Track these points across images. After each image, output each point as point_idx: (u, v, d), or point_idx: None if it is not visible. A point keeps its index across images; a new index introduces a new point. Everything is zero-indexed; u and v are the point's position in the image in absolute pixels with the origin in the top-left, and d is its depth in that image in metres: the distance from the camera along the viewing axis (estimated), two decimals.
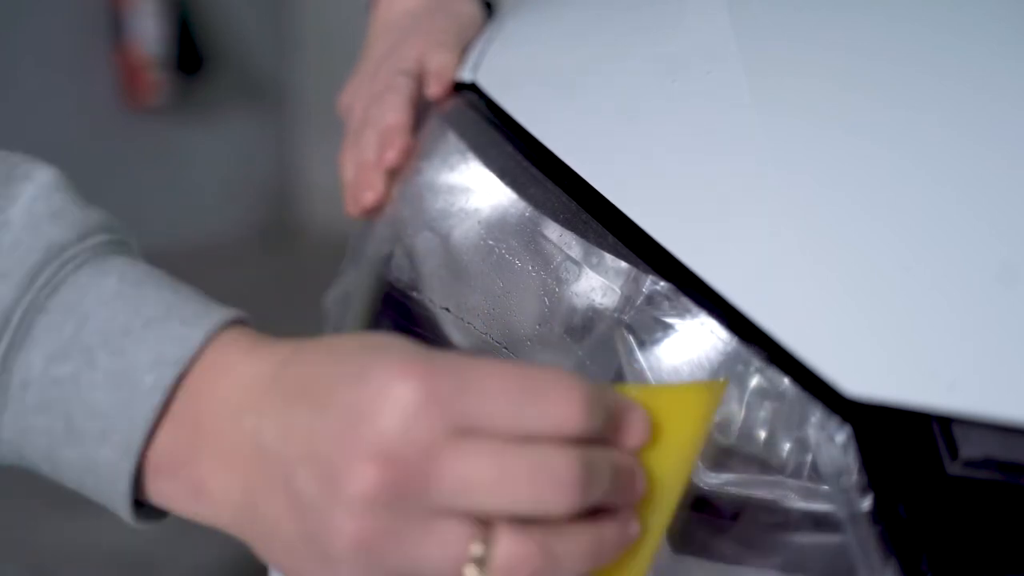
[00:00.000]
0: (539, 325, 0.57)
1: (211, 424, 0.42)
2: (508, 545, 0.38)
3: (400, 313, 0.65)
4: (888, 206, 0.48)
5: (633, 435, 0.42)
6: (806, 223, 0.48)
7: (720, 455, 0.50)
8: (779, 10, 0.61)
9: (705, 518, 0.50)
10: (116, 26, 3.17)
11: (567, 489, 0.38)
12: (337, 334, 0.41)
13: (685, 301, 0.49)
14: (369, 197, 0.67)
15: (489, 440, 0.39)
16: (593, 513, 0.40)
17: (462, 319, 0.61)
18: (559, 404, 0.39)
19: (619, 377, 0.52)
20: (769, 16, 0.61)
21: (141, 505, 0.44)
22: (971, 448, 0.43)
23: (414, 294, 0.63)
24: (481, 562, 0.38)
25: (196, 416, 0.42)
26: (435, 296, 0.62)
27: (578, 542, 0.40)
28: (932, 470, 0.43)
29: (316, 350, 0.42)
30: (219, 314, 0.44)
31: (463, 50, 0.71)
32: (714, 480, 0.50)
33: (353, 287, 0.70)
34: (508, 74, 0.66)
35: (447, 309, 0.61)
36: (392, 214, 0.67)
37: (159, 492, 0.43)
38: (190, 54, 3.29)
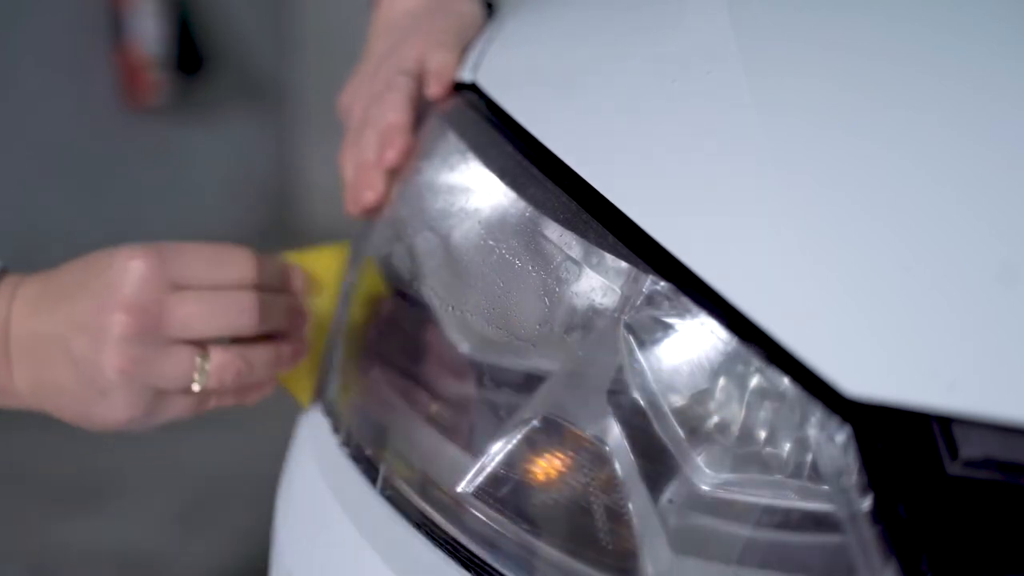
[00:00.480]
0: (539, 325, 0.57)
1: (12, 335, 0.61)
2: (218, 356, 0.61)
3: (399, 313, 0.65)
4: (888, 206, 0.48)
5: (296, 284, 0.68)
6: (806, 223, 0.48)
7: (720, 455, 0.50)
8: (779, 10, 0.61)
9: (705, 518, 0.50)
10: (116, 26, 3.16)
11: (250, 314, 0.62)
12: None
13: (685, 301, 0.49)
14: (369, 197, 0.67)
15: (196, 290, 0.61)
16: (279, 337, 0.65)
17: (462, 318, 0.61)
18: (236, 264, 0.62)
19: (620, 377, 0.52)
20: (769, 16, 0.61)
21: None
22: (971, 448, 0.43)
23: (414, 294, 0.63)
24: (202, 371, 0.61)
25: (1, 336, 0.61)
26: (435, 296, 0.62)
27: (265, 353, 0.64)
28: (932, 470, 0.43)
29: (65, 267, 0.62)
30: None
31: (463, 50, 0.71)
32: (714, 480, 0.50)
33: (353, 287, 0.70)
34: (508, 74, 0.66)
35: (451, 308, 0.61)
36: (392, 214, 0.67)
37: None
38: (190, 54, 3.29)
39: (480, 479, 0.55)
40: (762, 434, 0.49)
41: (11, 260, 0.63)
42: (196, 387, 0.61)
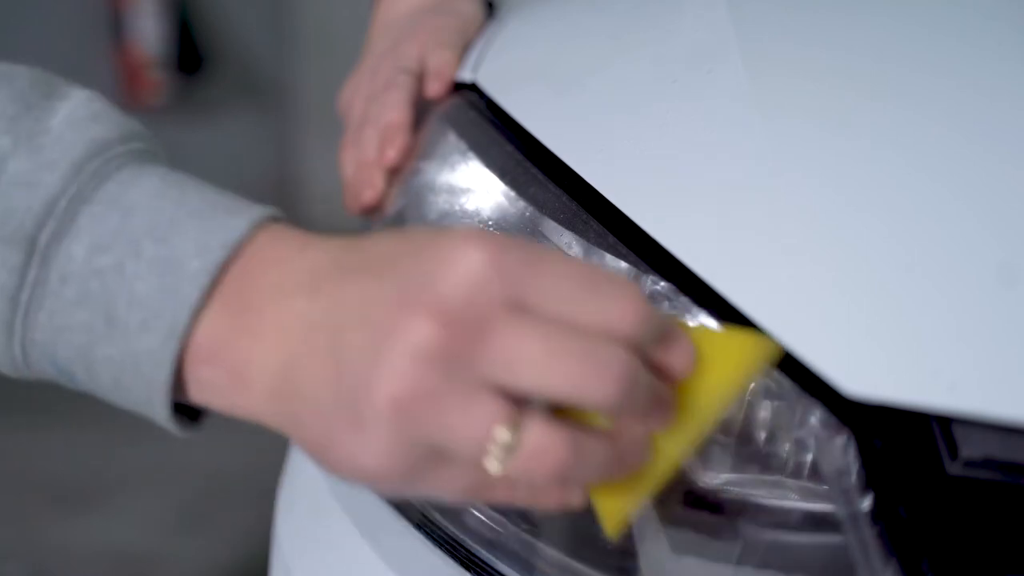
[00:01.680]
0: None
1: (259, 306, 0.41)
2: (539, 432, 0.38)
3: None
4: (888, 206, 0.48)
5: (678, 362, 0.41)
6: (806, 223, 0.48)
7: (720, 455, 0.50)
8: (779, 10, 0.61)
9: (705, 518, 0.50)
10: (116, 26, 3.16)
11: (611, 381, 0.38)
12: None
13: (685, 301, 0.49)
14: (369, 195, 0.67)
15: (545, 319, 0.38)
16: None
17: None
18: (618, 302, 0.39)
19: None
20: (769, 16, 0.61)
21: (181, 407, 0.44)
22: (971, 448, 0.43)
23: None
24: (509, 447, 0.38)
25: (244, 300, 0.42)
26: None
27: (602, 447, 0.40)
28: (932, 470, 0.43)
29: (382, 236, 0.43)
30: (263, 208, 0.44)
31: (464, 49, 0.71)
32: (714, 480, 0.50)
33: None
34: (508, 74, 0.66)
35: None
36: (392, 213, 0.67)
37: (198, 383, 0.43)
38: (190, 54, 3.29)
39: None
40: (762, 434, 0.49)
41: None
42: (489, 462, 0.38)
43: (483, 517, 0.55)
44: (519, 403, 0.38)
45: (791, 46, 0.58)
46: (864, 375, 0.44)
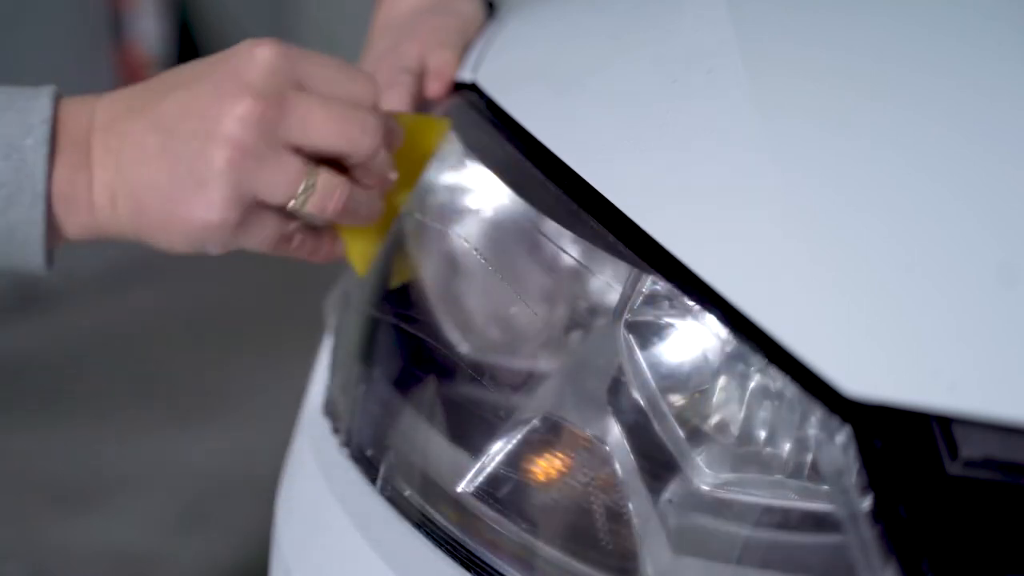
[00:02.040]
0: (539, 325, 0.57)
1: (89, 145, 0.55)
2: (328, 177, 0.55)
3: (399, 313, 0.65)
4: (888, 206, 0.48)
5: (393, 138, 0.58)
6: (806, 223, 0.48)
7: (720, 455, 0.50)
8: (779, 10, 0.61)
9: (705, 518, 0.50)
10: (116, 26, 3.16)
11: (372, 136, 0.55)
12: None
13: (685, 301, 0.49)
14: None
15: (324, 96, 0.55)
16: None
17: (462, 318, 0.61)
18: (367, 84, 0.57)
19: (620, 377, 0.52)
20: (769, 16, 0.61)
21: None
22: (971, 448, 0.43)
23: (414, 294, 0.63)
24: (308, 187, 0.54)
25: (77, 149, 0.55)
26: (435, 296, 0.62)
27: (366, 193, 0.57)
28: (932, 470, 0.43)
29: (170, 70, 0.58)
30: (49, 87, 0.56)
31: (464, 49, 0.71)
32: (714, 480, 0.50)
33: (353, 287, 0.70)
34: (508, 74, 0.66)
35: (451, 308, 0.61)
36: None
37: (65, 224, 0.56)
38: (190, 54, 3.29)
39: (480, 479, 0.55)
40: (762, 434, 0.49)
41: None
42: (294, 203, 0.54)
43: (483, 517, 0.55)
44: (315, 163, 0.54)
45: (791, 46, 0.58)
46: (864, 375, 0.44)
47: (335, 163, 0.56)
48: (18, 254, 0.55)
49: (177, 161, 0.53)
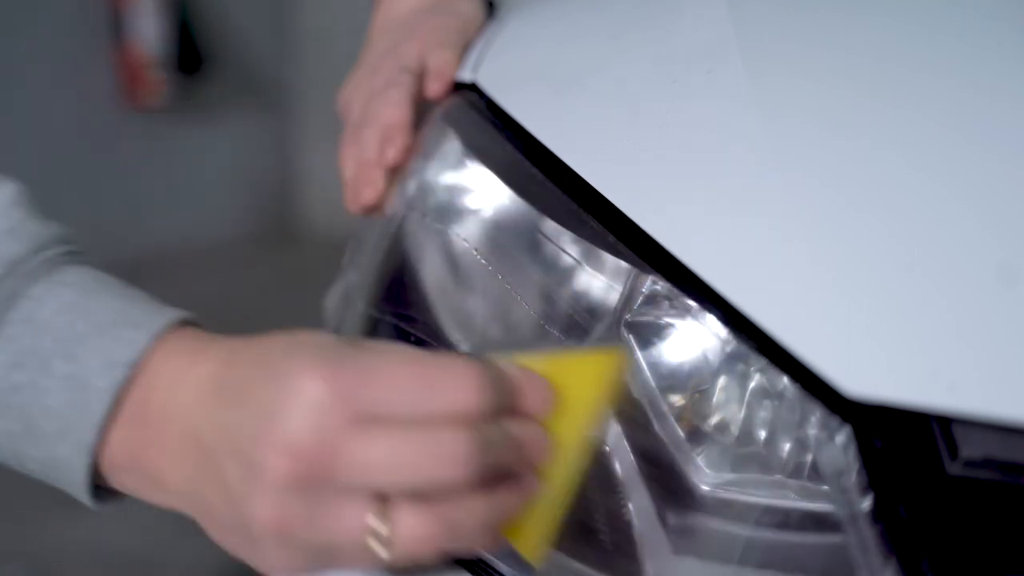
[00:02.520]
0: (539, 325, 0.57)
1: (160, 423, 0.47)
2: (407, 519, 0.43)
3: (399, 313, 0.65)
4: (888, 206, 0.48)
5: (534, 404, 0.46)
6: (806, 223, 0.48)
7: (720, 455, 0.50)
8: (779, 10, 0.61)
9: (705, 518, 0.50)
10: (116, 26, 3.16)
11: (457, 463, 0.43)
12: (278, 333, 0.47)
13: (685, 301, 0.49)
14: (369, 194, 0.67)
15: (388, 426, 0.43)
16: (499, 478, 0.45)
17: (463, 318, 0.61)
18: (453, 388, 0.43)
19: None
20: (769, 16, 0.61)
21: (107, 492, 0.50)
22: (971, 448, 0.43)
23: (414, 294, 0.63)
24: (386, 537, 0.43)
25: (146, 416, 0.47)
26: (435, 296, 0.62)
27: (478, 508, 0.44)
28: (932, 470, 0.43)
29: (248, 351, 0.47)
30: (166, 316, 0.48)
31: (464, 49, 0.71)
32: (714, 480, 0.50)
33: (353, 287, 0.70)
34: (508, 74, 0.66)
35: (451, 308, 0.61)
36: (392, 213, 0.67)
37: (120, 483, 0.49)
38: (190, 54, 3.29)
39: None
40: (762, 434, 0.49)
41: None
42: (382, 554, 0.43)
43: None
44: (385, 500, 0.43)
45: (791, 46, 0.58)
46: (864, 375, 0.44)
47: None
48: (64, 485, 0.50)
49: (229, 502, 0.45)
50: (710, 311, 0.48)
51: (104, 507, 0.52)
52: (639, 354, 0.51)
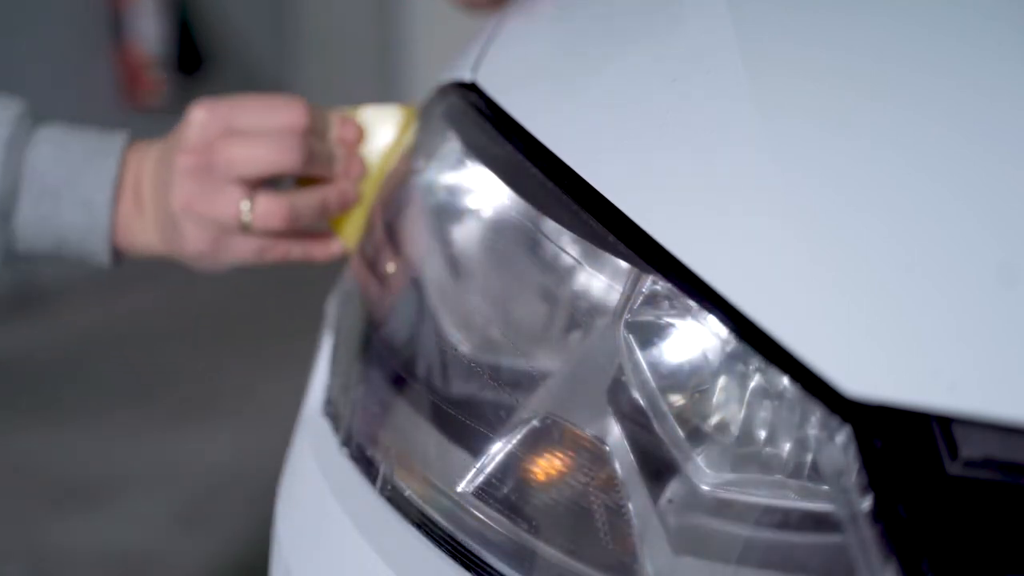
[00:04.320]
0: (539, 325, 0.57)
1: (140, 200, 0.75)
2: (262, 199, 0.72)
3: (400, 312, 0.65)
4: (888, 206, 0.48)
5: (347, 133, 0.75)
6: (806, 223, 0.48)
7: (720, 455, 0.50)
8: (779, 10, 0.61)
9: (705, 518, 0.50)
10: (116, 26, 3.16)
11: (291, 152, 0.71)
12: None
13: (685, 301, 0.49)
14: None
15: (247, 134, 0.71)
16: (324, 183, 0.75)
17: (462, 318, 0.61)
18: (288, 111, 0.72)
19: (620, 377, 0.52)
20: (769, 16, 0.61)
21: (121, 257, 0.78)
22: (971, 448, 0.43)
23: (414, 294, 0.63)
24: (249, 211, 0.71)
25: (134, 197, 0.75)
26: (435, 296, 0.62)
27: (310, 197, 0.73)
28: (932, 470, 0.43)
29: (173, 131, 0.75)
30: (120, 140, 0.76)
31: None
32: (714, 480, 0.50)
33: (353, 287, 0.70)
34: (508, 74, 0.66)
35: (451, 308, 0.61)
36: (391, 214, 0.67)
37: (128, 243, 0.77)
38: (190, 54, 3.29)
39: (480, 479, 0.55)
40: (762, 434, 0.49)
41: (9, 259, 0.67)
42: (243, 223, 0.71)
43: (483, 517, 0.55)
44: (253, 188, 0.72)
45: (791, 46, 0.58)
46: (864, 375, 0.44)
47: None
48: (90, 262, 0.77)
49: (161, 210, 0.73)
50: (710, 311, 0.48)
51: (119, 266, 0.78)
52: (639, 354, 0.51)
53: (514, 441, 0.54)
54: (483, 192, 0.60)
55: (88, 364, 2.58)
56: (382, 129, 0.76)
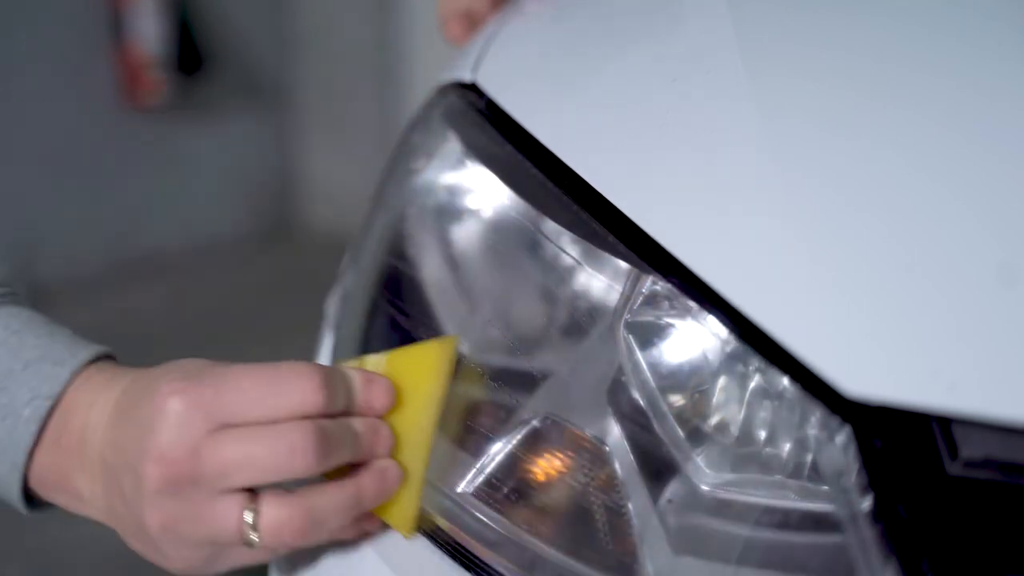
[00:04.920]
0: (539, 325, 0.57)
1: (78, 447, 0.54)
2: (270, 510, 0.50)
3: (398, 312, 0.65)
4: (888, 206, 0.48)
5: (377, 398, 0.53)
6: (806, 223, 0.48)
7: (720, 455, 0.50)
8: (779, 10, 0.61)
9: (705, 518, 0.50)
10: (116, 26, 3.16)
11: (304, 454, 0.49)
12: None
13: (685, 301, 0.49)
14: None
15: (241, 428, 0.50)
16: (356, 469, 0.52)
17: (462, 318, 0.61)
18: (295, 389, 0.50)
19: (620, 377, 0.52)
20: (769, 16, 0.61)
21: (43, 503, 0.57)
22: (971, 448, 0.43)
23: (414, 294, 0.63)
24: (255, 526, 0.50)
25: (66, 441, 0.54)
26: (435, 296, 0.62)
27: (337, 495, 0.51)
28: (932, 470, 0.43)
29: (140, 378, 0.54)
30: (84, 352, 0.56)
31: None
32: (714, 480, 0.50)
33: (353, 287, 0.70)
34: (508, 74, 0.66)
35: (451, 308, 0.61)
36: (391, 214, 0.67)
37: (51, 499, 0.57)
38: (190, 54, 3.29)
39: (480, 479, 0.55)
40: (762, 434, 0.49)
41: (10, 259, 0.63)
42: (250, 541, 0.50)
43: (483, 517, 0.55)
44: (255, 495, 0.50)
45: (791, 46, 0.58)
46: (864, 375, 0.44)
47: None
48: (3, 498, 0.57)
49: (129, 508, 0.52)
50: (710, 311, 0.48)
51: (40, 515, 0.58)
52: (639, 354, 0.51)
53: (514, 441, 0.54)
54: (483, 192, 0.60)
55: None
56: (419, 377, 0.55)
